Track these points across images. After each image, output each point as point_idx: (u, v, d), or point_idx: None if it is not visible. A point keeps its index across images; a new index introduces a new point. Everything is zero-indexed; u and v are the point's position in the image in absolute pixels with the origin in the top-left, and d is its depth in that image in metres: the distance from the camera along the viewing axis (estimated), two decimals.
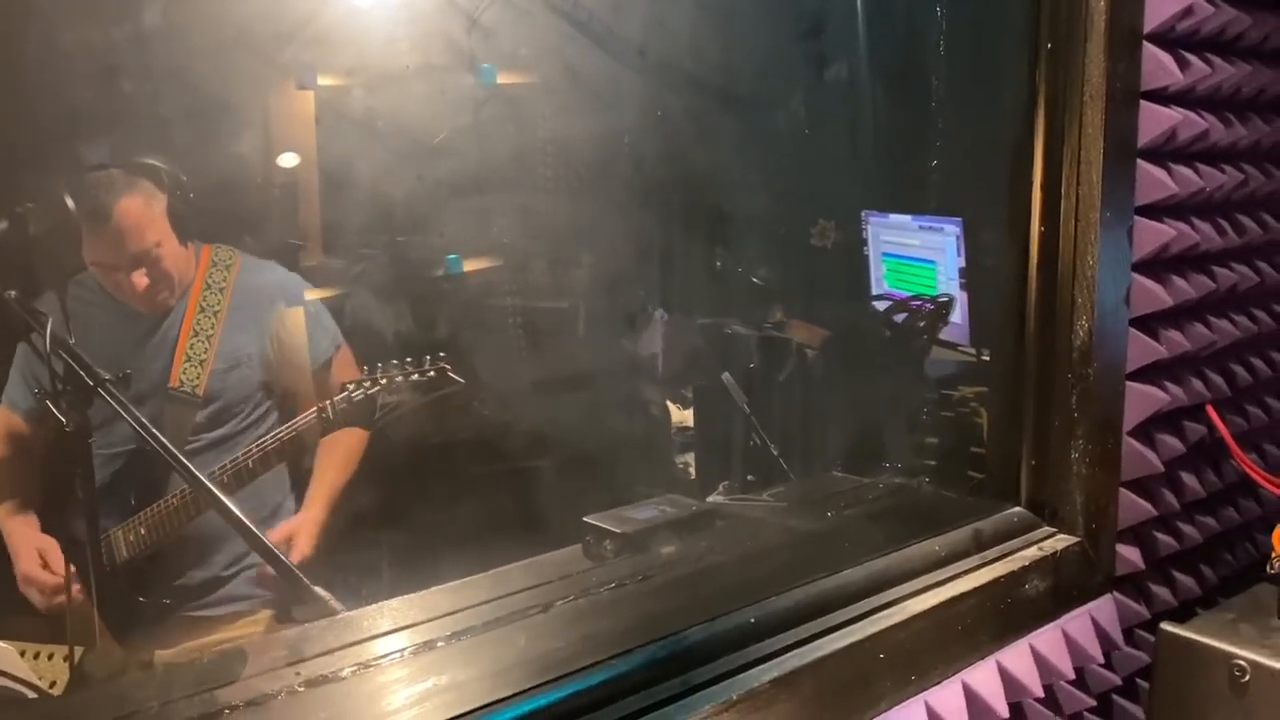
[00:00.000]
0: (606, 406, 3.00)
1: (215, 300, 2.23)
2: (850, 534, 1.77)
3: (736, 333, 2.55)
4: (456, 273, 2.84)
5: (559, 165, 2.74)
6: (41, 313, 1.92)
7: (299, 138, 2.50)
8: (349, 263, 2.47)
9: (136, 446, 2.15)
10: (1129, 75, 1.77)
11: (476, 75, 2.60)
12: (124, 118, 2.14)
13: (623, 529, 1.71)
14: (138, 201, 2.08)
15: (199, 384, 2.19)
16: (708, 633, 1.39)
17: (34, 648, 2.15)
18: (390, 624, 1.43)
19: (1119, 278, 1.83)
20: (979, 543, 1.78)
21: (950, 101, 2.28)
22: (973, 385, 2.51)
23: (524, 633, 1.38)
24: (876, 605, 1.55)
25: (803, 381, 2.48)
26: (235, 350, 2.22)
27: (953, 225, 2.97)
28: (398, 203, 2.37)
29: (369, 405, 2.02)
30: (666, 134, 2.65)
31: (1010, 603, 1.72)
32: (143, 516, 2.14)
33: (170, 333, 2.20)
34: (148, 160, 2.10)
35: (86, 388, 1.86)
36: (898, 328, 2.71)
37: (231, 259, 2.27)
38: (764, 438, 2.65)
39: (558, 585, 1.54)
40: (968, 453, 2.44)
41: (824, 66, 2.62)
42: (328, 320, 2.32)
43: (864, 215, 3.23)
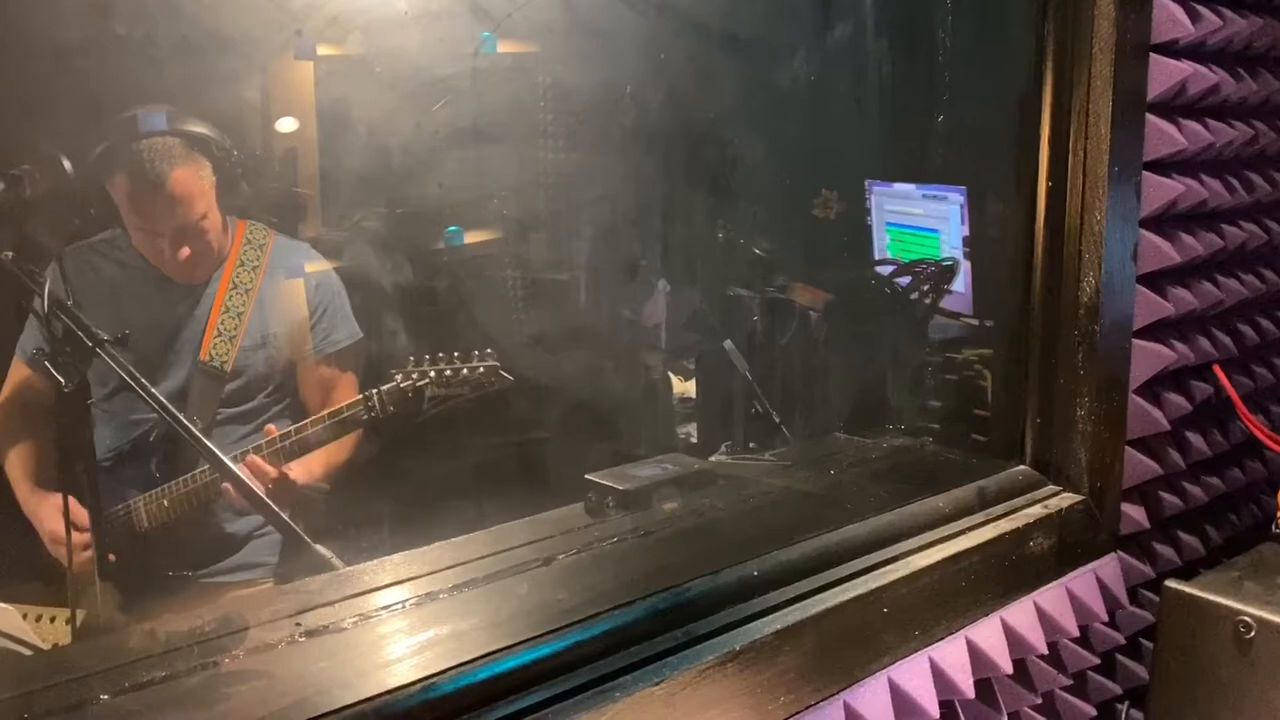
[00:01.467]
0: (610, 375, 2.99)
1: (248, 278, 2.21)
2: (853, 492, 1.76)
3: (739, 295, 2.53)
4: (458, 245, 2.85)
5: (562, 115, 2.70)
6: (38, 272, 1.91)
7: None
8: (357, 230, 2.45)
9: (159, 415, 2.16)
10: (1139, 27, 1.74)
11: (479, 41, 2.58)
12: (156, 86, 2.12)
13: (625, 485, 1.70)
14: (190, 172, 2.04)
15: (227, 359, 2.17)
16: (710, 585, 1.38)
17: (35, 610, 2.14)
18: (391, 578, 1.42)
19: (1126, 234, 1.81)
20: (983, 500, 1.77)
21: (957, 61, 2.24)
22: (977, 348, 2.49)
23: (525, 585, 1.37)
24: (880, 560, 1.54)
25: (806, 344, 2.46)
26: (263, 329, 2.21)
27: (957, 194, 2.93)
28: (399, 158, 2.35)
29: (417, 397, 1.99)
30: (667, 96, 2.62)
31: (1014, 560, 1.71)
32: (167, 489, 2.13)
33: (203, 306, 2.19)
34: (202, 130, 2.06)
35: (85, 348, 1.85)
36: (901, 291, 2.68)
37: (266, 238, 2.25)
38: (765, 403, 2.64)
39: (559, 540, 1.53)
40: (971, 415, 2.42)
41: (826, 24, 2.57)
42: (348, 312, 2.30)
43: (867, 184, 3.20)
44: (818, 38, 2.60)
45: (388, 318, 2.39)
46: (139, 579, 2.12)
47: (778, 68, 2.63)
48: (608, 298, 3.09)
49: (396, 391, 1.99)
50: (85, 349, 1.85)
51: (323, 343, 2.24)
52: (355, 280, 2.35)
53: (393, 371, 1.99)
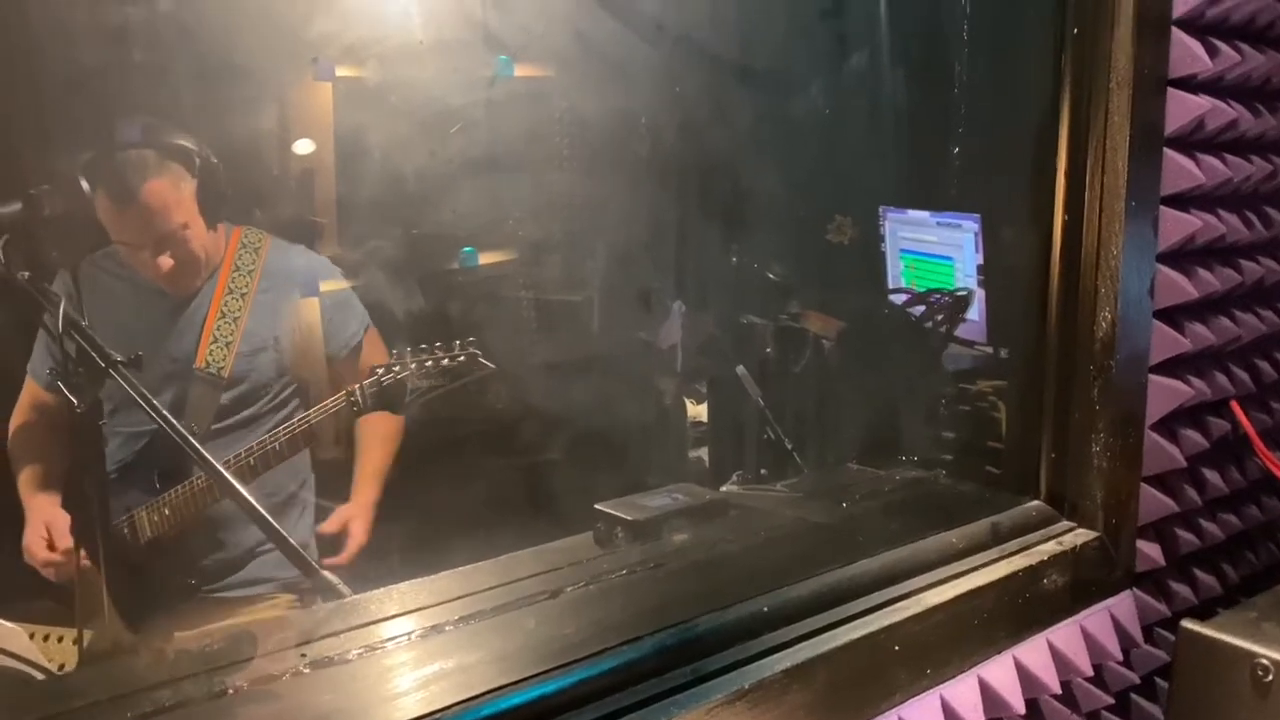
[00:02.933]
0: (624, 398, 2.98)
1: (243, 283, 2.22)
2: (865, 525, 1.75)
3: (752, 322, 2.53)
4: (471, 265, 2.84)
5: (578, 145, 2.71)
6: (54, 293, 1.92)
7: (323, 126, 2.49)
8: (371, 251, 2.46)
9: (160, 426, 2.16)
10: (1157, 62, 1.74)
11: (495, 65, 2.59)
12: (149, 100, 2.13)
13: (634, 516, 1.69)
14: (166, 183, 2.06)
15: (224, 365, 2.18)
16: (719, 621, 1.37)
17: (43, 629, 2.14)
18: (398, 608, 1.41)
19: (1143, 268, 1.79)
20: (997, 536, 1.75)
21: (973, 92, 2.24)
22: (991, 379, 2.47)
23: (532, 618, 1.36)
24: (892, 597, 1.53)
25: (819, 373, 2.45)
26: (261, 333, 2.21)
27: (971, 222, 2.93)
28: (414, 184, 2.36)
29: (399, 389, 2.00)
30: (683, 123, 2.63)
31: (1028, 597, 1.69)
32: (167, 498, 2.14)
33: (198, 313, 2.20)
34: (180, 141, 2.08)
35: (98, 369, 1.85)
36: (915, 321, 2.67)
37: (261, 241, 2.26)
38: (777, 430, 2.62)
39: (568, 571, 1.52)
40: (985, 447, 2.40)
41: (844, 56, 2.58)
42: (356, 303, 2.31)
43: (882, 211, 3.20)
44: (836, 68, 2.61)
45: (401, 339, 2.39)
46: (143, 594, 2.12)
47: (796, 97, 2.63)
48: (621, 320, 3.10)
49: (377, 385, 2.01)
50: (98, 369, 1.86)
51: (344, 338, 2.27)
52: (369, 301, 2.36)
53: (375, 366, 2.02)
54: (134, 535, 2.18)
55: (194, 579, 2.24)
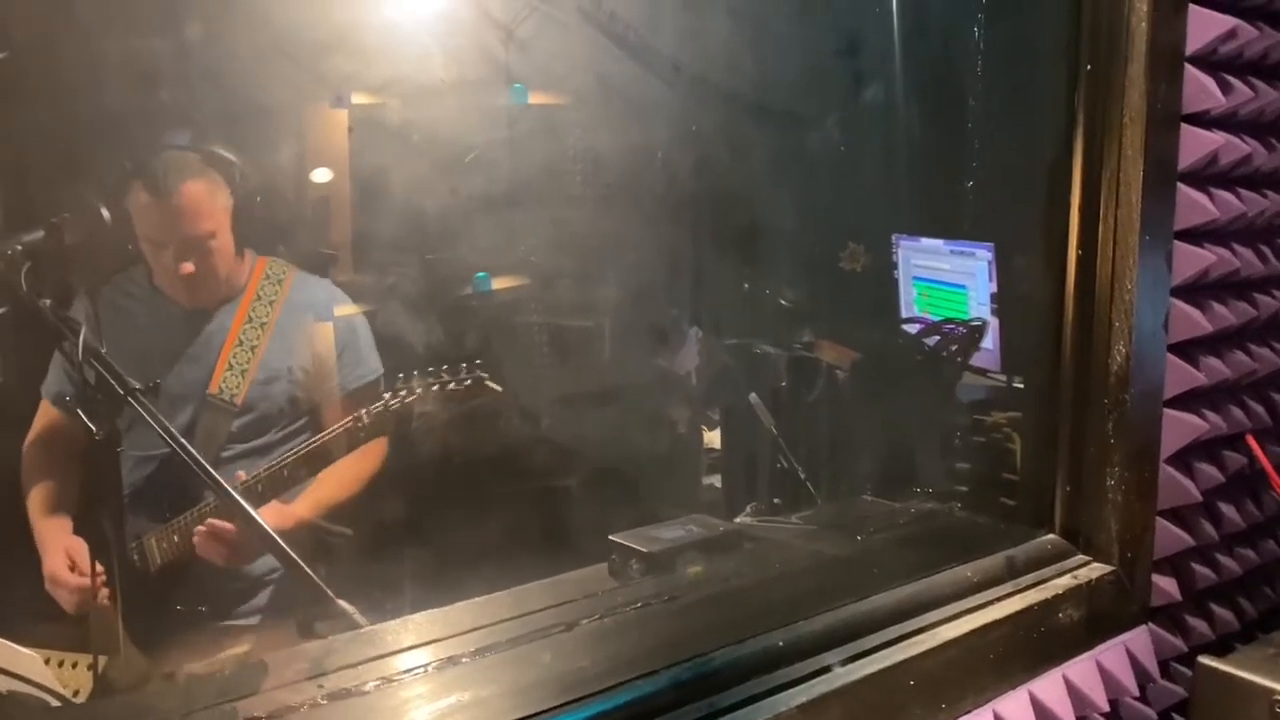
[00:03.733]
0: (641, 425, 2.99)
1: (264, 312, 2.23)
2: (880, 559, 1.74)
3: (766, 352, 2.53)
4: (485, 291, 2.84)
5: (593, 180, 2.73)
6: (74, 320, 1.93)
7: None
8: (385, 278, 2.48)
9: (171, 451, 2.16)
10: (1170, 98, 1.75)
11: (510, 94, 2.62)
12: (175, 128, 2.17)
13: (649, 548, 1.69)
14: (203, 187, 2.08)
15: (238, 393, 2.18)
16: (735, 655, 1.37)
17: (59, 655, 2.14)
18: (413, 639, 1.42)
19: (1158, 302, 1.80)
20: (1012, 570, 1.74)
21: (986, 124, 2.26)
22: (1006, 411, 2.47)
23: (548, 651, 1.36)
24: (907, 631, 1.52)
25: (833, 403, 2.45)
26: (277, 364, 2.22)
27: (984, 250, 2.94)
28: (432, 218, 2.38)
29: (405, 413, 2.01)
30: (699, 152, 2.65)
31: (1043, 632, 1.69)
32: (176, 523, 2.14)
33: (216, 339, 2.20)
34: (224, 154, 2.11)
35: (117, 396, 1.86)
36: (929, 351, 2.67)
37: (285, 274, 2.27)
38: (790, 460, 2.62)
39: (582, 604, 1.52)
40: (1000, 479, 2.39)
41: (858, 86, 2.60)
42: (370, 348, 2.30)
43: (894, 239, 3.21)
44: (851, 103, 2.63)
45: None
46: (155, 621, 2.13)
47: (813, 131, 2.65)
48: (637, 347, 3.11)
49: (384, 409, 2.01)
50: (117, 397, 1.87)
51: (345, 380, 2.25)
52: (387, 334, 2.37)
53: (382, 392, 2.03)
54: (144, 562, 2.18)
55: (210, 606, 2.24)
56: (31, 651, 1.81)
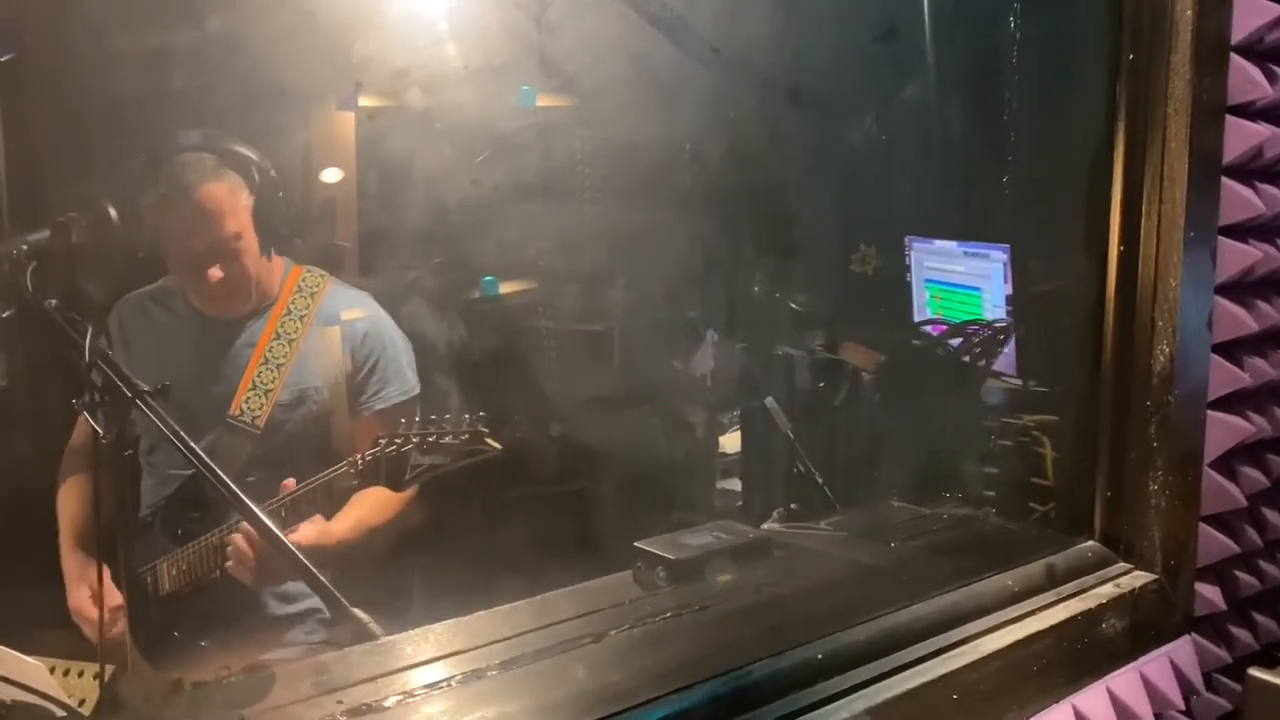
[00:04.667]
0: (658, 428, 2.93)
1: (293, 328, 2.09)
2: (916, 567, 1.68)
3: (788, 354, 2.47)
4: (493, 295, 2.77)
5: (615, 176, 2.68)
6: (81, 322, 1.87)
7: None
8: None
9: (194, 471, 2.07)
10: (1215, 88, 1.69)
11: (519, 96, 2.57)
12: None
13: (676, 555, 1.62)
14: (222, 189, 1.96)
15: (260, 415, 2.05)
16: (773, 668, 1.31)
17: (64, 664, 2.09)
18: (434, 651, 1.36)
19: (1201, 301, 1.74)
20: (1053, 578, 1.68)
21: (1021, 117, 2.19)
22: (1033, 414, 2.41)
23: (576, 663, 1.30)
24: (949, 643, 1.46)
25: (858, 406, 2.39)
26: (304, 383, 2.08)
27: (1000, 252, 2.88)
28: (456, 213, 2.32)
29: (400, 463, 1.84)
30: (726, 144, 2.59)
31: (1086, 643, 1.63)
32: (184, 552, 2.05)
33: (241, 356, 2.08)
34: (240, 150, 1.99)
35: (124, 399, 1.80)
36: (953, 352, 2.61)
37: (319, 286, 2.13)
38: (807, 465, 2.56)
39: (610, 613, 1.46)
40: (1029, 483, 2.33)
41: (886, 78, 2.53)
42: (407, 365, 2.15)
43: (907, 241, 3.16)
44: (879, 97, 2.56)
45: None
46: (167, 650, 2.05)
47: (838, 127, 2.59)
48: (653, 349, 3.06)
49: (375, 457, 1.85)
50: (124, 400, 1.81)
51: (372, 398, 2.11)
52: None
53: (379, 437, 1.87)
54: (155, 587, 2.10)
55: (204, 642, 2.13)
56: (37, 661, 1.77)
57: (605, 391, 2.82)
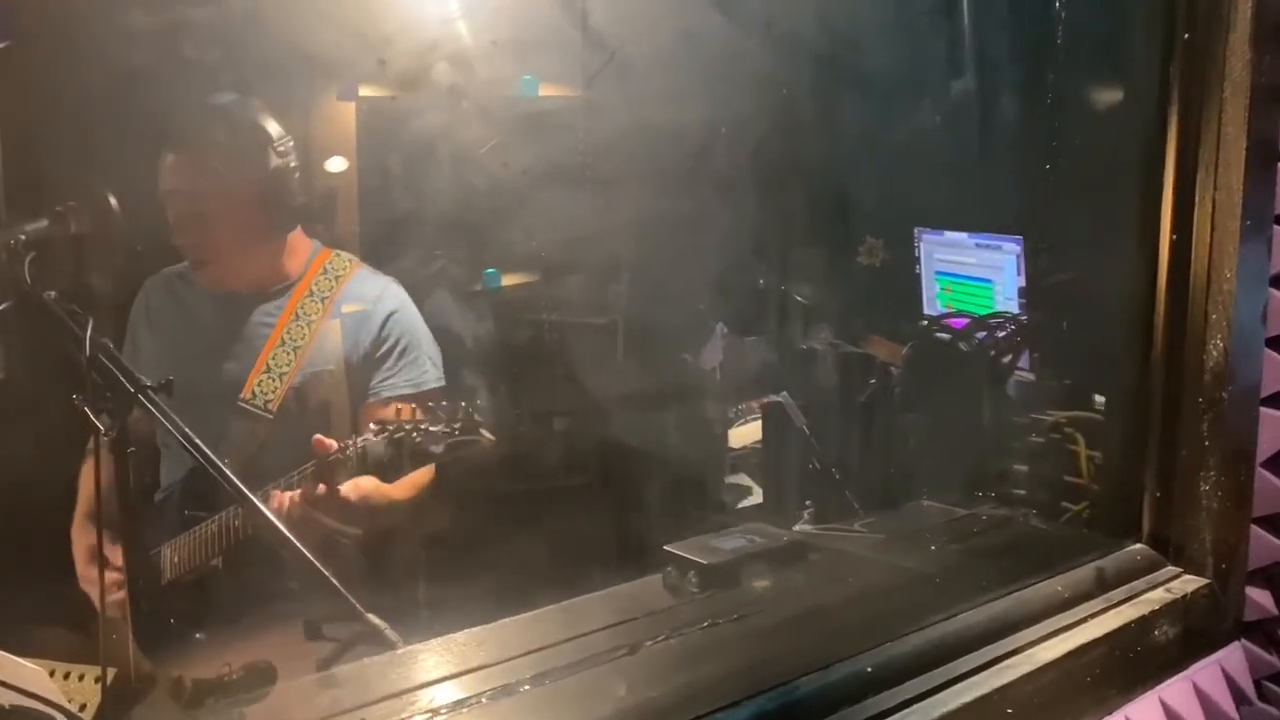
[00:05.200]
0: (680, 424, 2.87)
1: (315, 309, 2.03)
2: (960, 571, 1.60)
3: (813, 349, 2.39)
4: (495, 287, 2.71)
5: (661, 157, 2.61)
6: (81, 314, 1.80)
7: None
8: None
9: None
10: (1275, 69, 1.60)
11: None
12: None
13: (708, 560, 1.55)
14: (227, 151, 1.92)
15: (273, 399, 2.00)
16: (821, 683, 1.23)
17: (64, 667, 2.02)
18: (457, 662, 1.28)
19: (1257, 293, 1.66)
20: (1103, 583, 1.61)
21: (1068, 100, 2.10)
22: (1065, 409, 2.33)
23: (612, 678, 1.23)
24: (1002, 653, 1.39)
25: (888, 402, 2.30)
26: (319, 366, 2.02)
27: (1013, 243, 2.82)
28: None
29: (394, 451, 1.80)
30: (753, 133, 2.51)
31: (1139, 651, 1.55)
32: (187, 537, 1.99)
33: (257, 337, 2.01)
34: (262, 122, 1.92)
35: (126, 394, 1.73)
36: (979, 345, 2.53)
37: (346, 269, 2.07)
38: (822, 461, 2.49)
39: (644, 623, 1.39)
40: (1061, 482, 2.26)
41: (919, 60, 2.45)
42: (427, 357, 2.08)
43: (916, 232, 3.08)
44: (914, 80, 2.48)
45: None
46: (167, 627, 1.98)
47: (872, 110, 2.51)
48: (667, 343, 3.00)
49: (372, 444, 1.80)
50: (126, 394, 1.74)
51: (380, 385, 2.03)
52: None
53: (371, 423, 1.82)
54: (156, 572, 2.03)
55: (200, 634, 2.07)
56: (36, 665, 1.71)
57: (613, 385, 2.77)
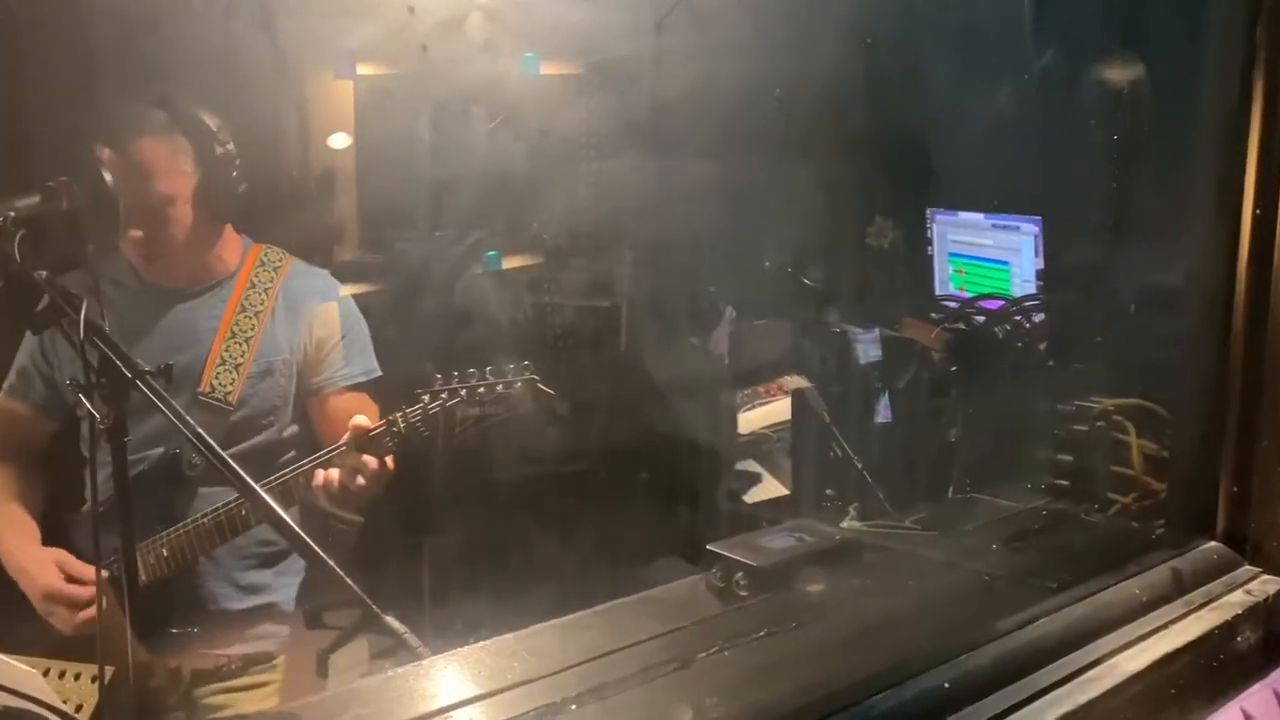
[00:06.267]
0: (682, 410, 2.79)
1: (259, 300, 2.02)
2: (1028, 572, 1.49)
3: (846, 331, 2.28)
4: (495, 269, 2.70)
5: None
6: (75, 295, 1.69)
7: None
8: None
9: (163, 452, 1.94)
10: None
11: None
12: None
13: (757, 561, 1.43)
14: (161, 147, 1.88)
15: (232, 390, 1.97)
16: (896, 701, 1.11)
17: (59, 666, 1.91)
18: (493, 676, 1.16)
19: None
20: (1180, 586, 1.50)
21: (1142, 64, 1.97)
22: (1114, 397, 2.22)
23: (667, 696, 1.11)
24: (1083, 664, 1.27)
25: (929, 389, 2.19)
26: (273, 355, 2.01)
27: (1031, 224, 2.76)
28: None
29: (448, 419, 1.76)
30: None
31: (1223, 659, 1.44)
32: (165, 537, 1.89)
33: (205, 331, 1.99)
34: (197, 115, 1.90)
35: (123, 379, 1.62)
36: (1019, 329, 2.42)
37: (281, 261, 2.08)
38: (845, 449, 2.38)
39: (693, 631, 1.27)
40: (1109, 472, 2.15)
41: (975, 21, 2.33)
42: (367, 345, 2.09)
43: (929, 213, 3.04)
44: (968, 40, 2.35)
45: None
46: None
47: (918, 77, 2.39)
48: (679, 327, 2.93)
49: (423, 413, 1.78)
50: (123, 380, 1.62)
51: (336, 374, 2.03)
52: None
53: (419, 391, 1.79)
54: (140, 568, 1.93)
55: (192, 630, 2.00)
56: (29, 667, 1.61)
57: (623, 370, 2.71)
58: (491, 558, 2.43)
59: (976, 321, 2.44)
